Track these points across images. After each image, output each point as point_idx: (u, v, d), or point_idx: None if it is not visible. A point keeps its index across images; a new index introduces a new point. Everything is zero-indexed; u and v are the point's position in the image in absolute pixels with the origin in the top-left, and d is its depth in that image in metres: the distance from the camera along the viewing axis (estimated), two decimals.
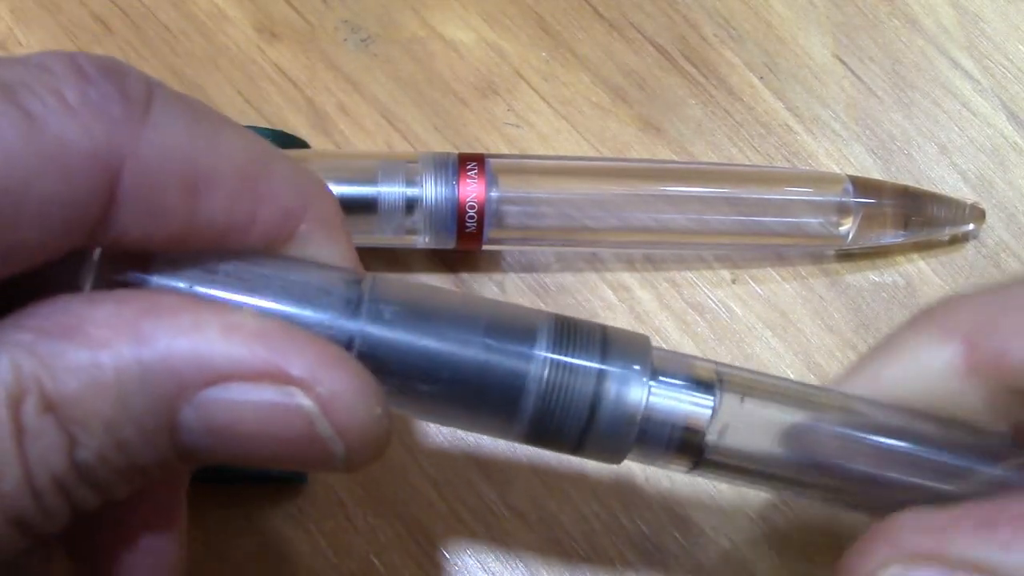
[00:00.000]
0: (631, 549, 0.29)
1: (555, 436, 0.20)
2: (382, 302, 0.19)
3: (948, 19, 0.36)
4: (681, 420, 0.20)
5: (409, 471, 0.29)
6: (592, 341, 0.20)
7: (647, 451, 0.21)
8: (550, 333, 0.20)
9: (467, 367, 0.19)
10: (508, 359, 0.19)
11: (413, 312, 0.19)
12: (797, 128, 0.35)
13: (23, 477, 0.16)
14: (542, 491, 0.29)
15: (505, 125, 0.34)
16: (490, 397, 0.19)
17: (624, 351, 0.20)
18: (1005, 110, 0.35)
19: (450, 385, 0.19)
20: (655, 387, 0.20)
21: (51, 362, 0.16)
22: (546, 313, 0.20)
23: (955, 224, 0.33)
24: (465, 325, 0.19)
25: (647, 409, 0.20)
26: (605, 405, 0.20)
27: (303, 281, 0.19)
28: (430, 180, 0.29)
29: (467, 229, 0.29)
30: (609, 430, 0.20)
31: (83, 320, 0.17)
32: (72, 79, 0.17)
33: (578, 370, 0.20)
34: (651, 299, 0.32)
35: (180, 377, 0.17)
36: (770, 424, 0.20)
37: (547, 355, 0.19)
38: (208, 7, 0.35)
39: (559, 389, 0.19)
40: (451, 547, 0.29)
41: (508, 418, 0.20)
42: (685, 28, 0.36)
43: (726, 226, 0.31)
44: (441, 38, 0.35)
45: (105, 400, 0.16)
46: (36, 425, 0.16)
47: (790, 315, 0.32)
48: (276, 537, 0.28)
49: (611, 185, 0.31)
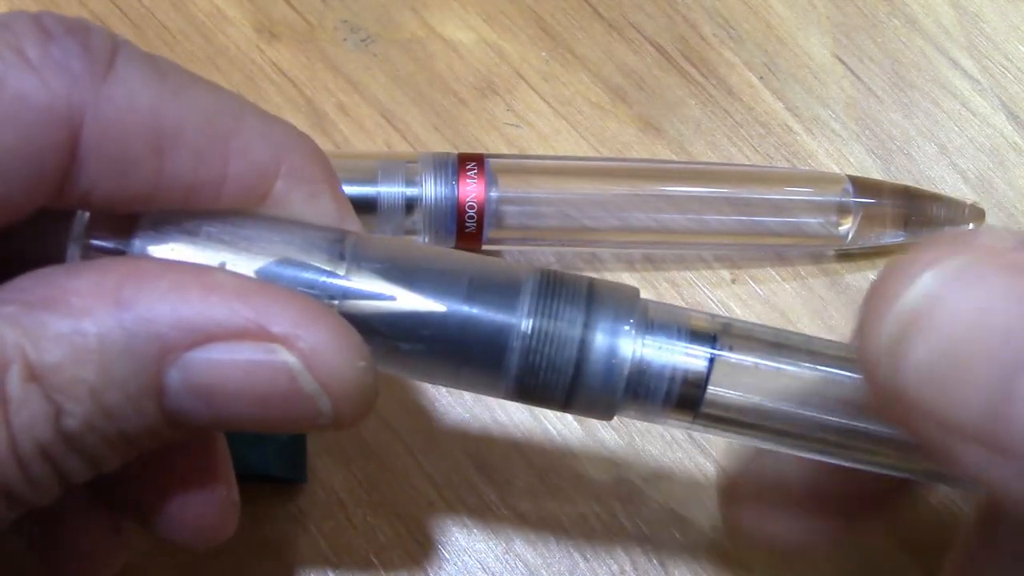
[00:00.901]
0: (631, 549, 0.29)
1: (542, 392, 0.20)
2: (364, 259, 0.19)
3: (948, 19, 0.36)
4: (678, 373, 0.20)
5: (409, 471, 0.29)
6: (578, 294, 0.20)
7: (644, 407, 0.20)
8: (535, 287, 0.19)
9: (450, 323, 0.19)
10: (492, 314, 0.19)
11: (396, 269, 0.19)
12: (797, 128, 0.35)
13: (8, 446, 0.16)
14: (542, 491, 0.29)
15: (505, 125, 0.34)
16: (475, 353, 0.19)
17: (611, 303, 0.20)
18: (1005, 110, 0.35)
19: (434, 342, 0.19)
20: (649, 340, 0.20)
21: (34, 332, 0.16)
22: (531, 267, 0.20)
23: (955, 224, 0.33)
24: (448, 281, 0.19)
25: (642, 363, 0.20)
26: (591, 359, 0.19)
27: (286, 240, 0.19)
28: (430, 180, 0.29)
29: (467, 229, 0.29)
30: (597, 385, 0.19)
31: (64, 291, 0.17)
32: (34, 36, 0.17)
33: (563, 323, 0.19)
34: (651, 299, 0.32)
35: (162, 340, 0.17)
36: (770, 375, 0.20)
37: (531, 309, 0.19)
38: (208, 7, 0.35)
39: (544, 343, 0.19)
40: (451, 547, 0.29)
41: (494, 374, 0.19)
42: (685, 28, 0.36)
43: (726, 226, 0.31)
44: (441, 38, 0.35)
45: (89, 367, 0.16)
46: (20, 394, 0.16)
47: (790, 315, 0.32)
48: (276, 537, 0.28)
49: (611, 185, 0.31)
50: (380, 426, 0.30)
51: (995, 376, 0.15)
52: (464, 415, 0.30)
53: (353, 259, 0.19)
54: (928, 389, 0.16)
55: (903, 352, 0.16)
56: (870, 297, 0.17)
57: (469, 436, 0.30)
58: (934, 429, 0.16)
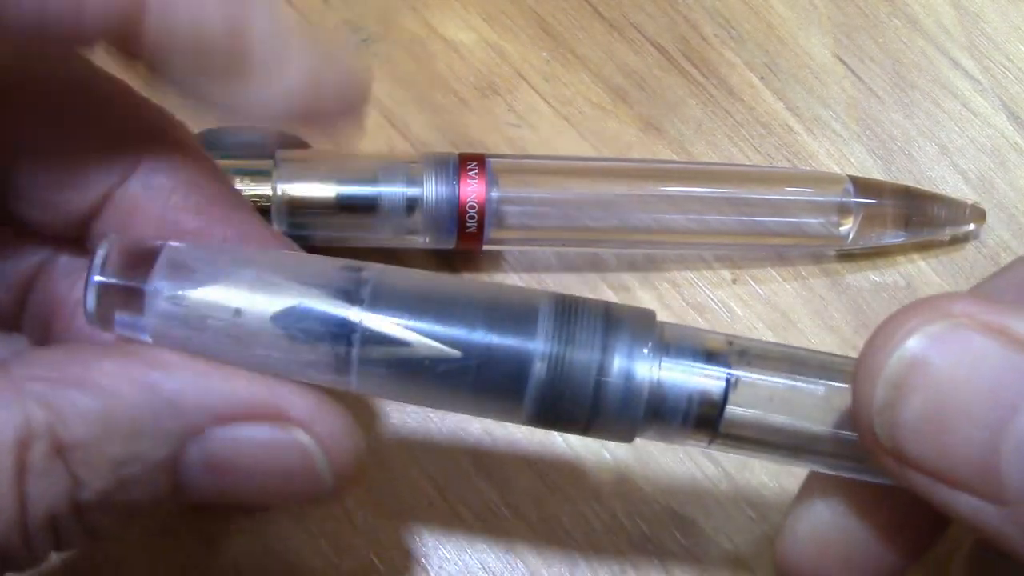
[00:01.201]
0: (631, 549, 0.29)
1: (563, 418, 0.20)
2: (381, 295, 0.19)
3: (948, 19, 0.36)
4: (695, 395, 0.20)
5: (409, 471, 0.29)
6: (595, 319, 0.20)
7: (663, 429, 0.20)
8: (551, 314, 0.20)
9: (469, 354, 0.19)
10: (510, 343, 0.19)
11: (412, 303, 0.19)
12: (797, 128, 0.35)
13: (17, 513, 0.17)
14: (542, 491, 0.29)
15: (506, 125, 0.34)
16: (494, 383, 0.19)
17: (628, 327, 0.20)
18: (1005, 110, 0.35)
19: (453, 374, 0.19)
20: (666, 363, 0.20)
21: (63, 411, 0.18)
22: (547, 293, 0.20)
23: (956, 224, 0.33)
24: (465, 312, 0.19)
25: (658, 386, 0.20)
26: (610, 384, 0.19)
27: (302, 282, 0.19)
28: (431, 180, 0.29)
29: (468, 229, 0.29)
30: (617, 409, 0.20)
31: (93, 371, 0.18)
32: None
33: (581, 350, 0.19)
34: (652, 299, 0.32)
35: (187, 418, 0.18)
36: (786, 393, 0.20)
37: (549, 336, 0.19)
38: None
39: (563, 370, 0.19)
40: (451, 547, 0.29)
41: (514, 403, 0.19)
42: (685, 28, 0.36)
43: (727, 226, 0.31)
44: (442, 38, 0.35)
45: (116, 442, 0.18)
46: (42, 466, 0.17)
47: (791, 315, 0.32)
48: (276, 537, 0.28)
49: (611, 185, 0.31)
50: (381, 426, 0.30)
51: (983, 431, 0.17)
52: (464, 415, 0.30)
53: (370, 296, 0.19)
54: (921, 446, 0.17)
55: (895, 414, 0.18)
56: (860, 365, 0.18)
57: (469, 436, 0.30)
58: (930, 482, 0.18)
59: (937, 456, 0.17)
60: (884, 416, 0.18)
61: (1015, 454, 0.17)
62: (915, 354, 0.17)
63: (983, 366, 0.17)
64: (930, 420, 0.17)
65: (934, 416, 0.17)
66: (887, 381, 0.18)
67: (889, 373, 0.18)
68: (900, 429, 0.18)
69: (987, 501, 0.17)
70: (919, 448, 0.18)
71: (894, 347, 0.18)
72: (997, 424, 0.17)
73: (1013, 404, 0.17)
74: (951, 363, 0.17)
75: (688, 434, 0.20)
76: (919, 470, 0.18)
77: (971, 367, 0.17)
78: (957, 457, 0.17)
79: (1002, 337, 0.17)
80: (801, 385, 0.20)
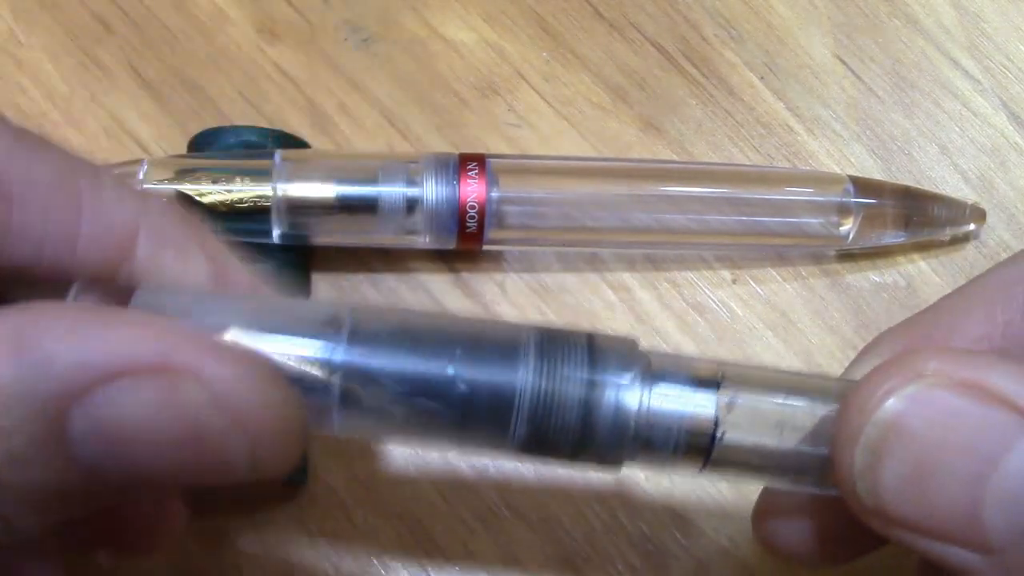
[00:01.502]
0: (631, 549, 0.29)
1: (549, 450, 0.20)
2: (363, 331, 0.19)
3: (949, 19, 0.36)
4: (686, 423, 0.20)
5: (410, 471, 0.29)
6: (578, 349, 0.20)
7: (653, 457, 0.20)
8: (535, 347, 0.19)
9: (454, 391, 0.19)
10: (494, 378, 0.19)
11: (395, 340, 0.19)
12: (798, 128, 0.35)
13: None
14: (542, 491, 0.29)
15: (506, 125, 0.34)
16: (480, 419, 0.19)
17: (612, 357, 0.20)
18: (1006, 110, 0.35)
19: (439, 411, 0.19)
20: (656, 390, 0.20)
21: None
22: (529, 326, 0.20)
23: (956, 224, 0.33)
24: (448, 348, 0.19)
25: (649, 415, 0.20)
26: (596, 414, 0.19)
27: (281, 315, 0.19)
28: (431, 180, 0.29)
29: (468, 229, 0.29)
30: (603, 439, 0.20)
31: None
32: None
33: (566, 382, 0.19)
34: (652, 299, 0.32)
35: (62, 380, 0.16)
36: (776, 418, 0.20)
37: (533, 369, 0.19)
38: (209, 7, 0.35)
39: (548, 403, 0.19)
40: (452, 547, 0.29)
41: (500, 437, 0.19)
42: (686, 28, 0.36)
43: (727, 226, 0.31)
44: (442, 38, 0.35)
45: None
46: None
47: (791, 315, 0.32)
48: (276, 537, 0.28)
49: (612, 185, 0.31)
50: None
51: (964, 487, 0.17)
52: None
53: (352, 331, 0.19)
54: (906, 505, 0.18)
55: (876, 477, 0.18)
56: (838, 430, 0.19)
57: None
58: (917, 538, 0.18)
59: (920, 514, 0.18)
60: (865, 480, 0.18)
61: (997, 505, 0.17)
62: (891, 418, 0.18)
63: (959, 424, 0.18)
64: (911, 481, 0.18)
65: (914, 477, 0.18)
66: (866, 446, 0.18)
67: (867, 439, 0.18)
68: (882, 491, 0.18)
69: (973, 551, 0.18)
70: (902, 508, 0.18)
71: (870, 412, 0.18)
72: (977, 479, 0.17)
73: (991, 458, 0.17)
74: (927, 424, 0.18)
75: (679, 461, 0.20)
76: (905, 528, 0.18)
77: (947, 426, 0.18)
78: (941, 513, 0.18)
79: (976, 392, 0.18)
80: (792, 410, 0.20)
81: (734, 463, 0.21)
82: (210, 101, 0.33)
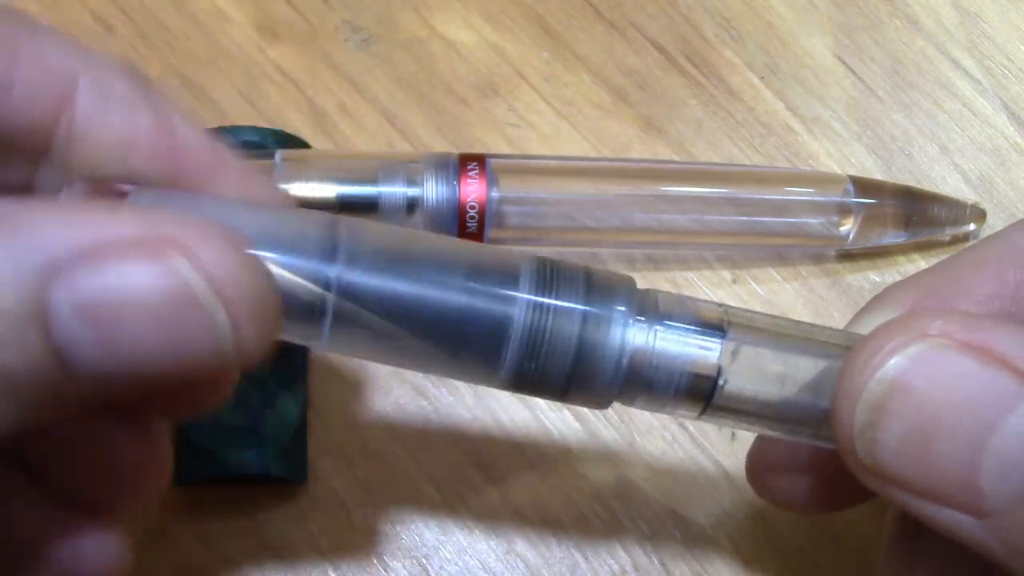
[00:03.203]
0: (631, 549, 0.29)
1: (539, 381, 0.20)
2: (359, 246, 0.19)
3: (949, 19, 0.36)
4: (688, 366, 0.20)
5: (409, 471, 0.29)
6: (576, 282, 0.20)
7: (654, 397, 0.20)
8: (532, 275, 0.19)
9: (447, 311, 0.19)
10: (489, 302, 0.19)
11: (391, 256, 0.19)
12: (798, 128, 0.35)
13: None
14: (542, 491, 0.29)
15: (506, 125, 0.34)
16: (472, 342, 0.19)
17: (609, 291, 0.20)
18: (1006, 110, 0.35)
19: (430, 330, 0.19)
20: (659, 330, 0.20)
21: None
22: (528, 255, 0.20)
23: (956, 224, 0.32)
24: (445, 268, 0.19)
25: (652, 354, 0.19)
26: (589, 347, 0.19)
27: (277, 224, 0.19)
28: (431, 180, 0.29)
29: (468, 229, 0.29)
30: (595, 374, 0.19)
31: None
32: None
33: (561, 313, 0.19)
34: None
35: (45, 256, 0.16)
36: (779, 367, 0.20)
37: (529, 297, 0.19)
38: (209, 7, 0.35)
39: (542, 332, 0.19)
40: (451, 547, 0.29)
41: (491, 364, 0.19)
42: (686, 28, 0.36)
43: (727, 226, 0.31)
44: (442, 38, 0.35)
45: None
46: None
47: (791, 315, 0.32)
48: (276, 537, 0.28)
49: (612, 185, 0.31)
50: (380, 426, 0.30)
51: (963, 449, 0.17)
52: (465, 415, 0.30)
53: (347, 248, 0.18)
54: (903, 465, 0.18)
55: (875, 436, 0.18)
56: (839, 386, 0.19)
57: (469, 436, 0.30)
58: (912, 498, 0.18)
59: (918, 475, 0.18)
60: (865, 438, 0.18)
61: (995, 469, 0.17)
62: (894, 376, 0.18)
63: (962, 385, 0.17)
64: (910, 441, 0.18)
65: (914, 437, 0.18)
66: (867, 403, 0.18)
67: (869, 396, 0.18)
68: (881, 450, 0.18)
69: (969, 514, 0.18)
70: (900, 468, 0.18)
71: (873, 369, 0.18)
72: (976, 441, 0.17)
73: (991, 421, 0.17)
74: (930, 384, 0.18)
75: (680, 403, 0.20)
76: (901, 488, 0.18)
77: (950, 387, 0.18)
78: (938, 475, 0.18)
79: (980, 355, 0.18)
80: (796, 360, 0.20)
81: (734, 411, 0.20)
82: (210, 101, 0.33)
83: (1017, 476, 0.17)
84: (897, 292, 0.23)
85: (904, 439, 0.18)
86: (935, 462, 0.18)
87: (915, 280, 0.23)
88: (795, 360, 0.20)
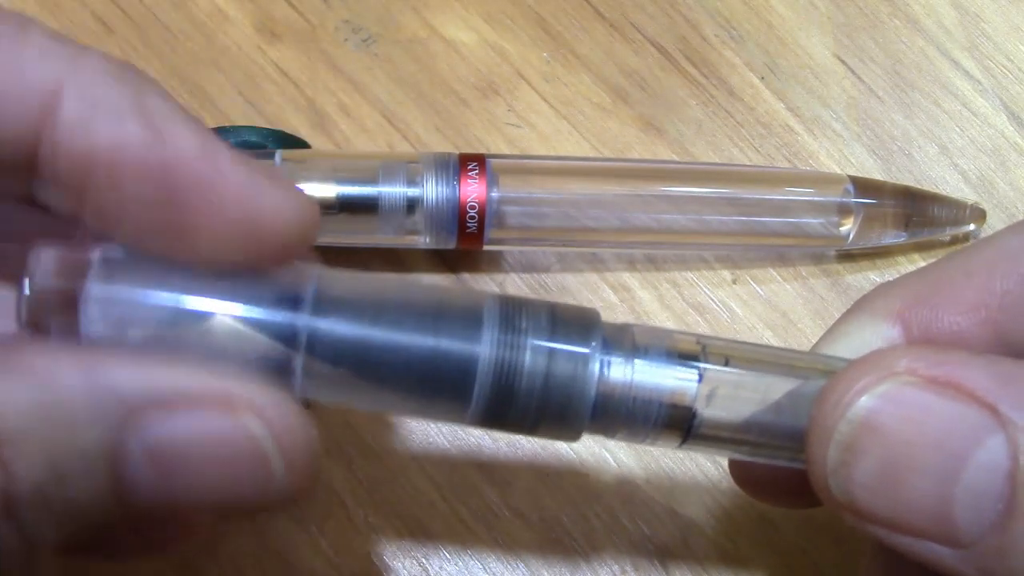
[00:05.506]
0: (631, 549, 0.29)
1: (508, 419, 0.20)
2: (326, 295, 0.19)
3: (949, 19, 0.36)
4: (666, 395, 0.20)
5: (410, 471, 0.29)
6: (540, 320, 0.20)
7: (634, 430, 0.20)
8: (497, 315, 0.20)
9: (415, 356, 0.19)
10: (455, 345, 0.19)
11: (358, 304, 0.19)
12: (798, 128, 0.35)
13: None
14: (542, 491, 0.29)
15: (506, 125, 0.34)
16: (440, 385, 0.19)
17: (574, 327, 0.20)
18: (1006, 110, 0.35)
19: (399, 376, 0.19)
20: (639, 363, 0.20)
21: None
22: (491, 295, 0.20)
23: (956, 224, 0.33)
24: (410, 314, 0.19)
25: (631, 387, 0.20)
26: (556, 383, 0.19)
27: (247, 277, 0.19)
28: (431, 180, 0.29)
29: (468, 229, 0.29)
30: (562, 408, 0.20)
31: (27, 355, 0.17)
32: None
33: (527, 351, 0.19)
34: (652, 299, 0.32)
35: (127, 404, 0.17)
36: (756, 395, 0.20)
37: (495, 336, 0.19)
38: (208, 7, 0.35)
39: (509, 371, 0.19)
40: (452, 547, 0.29)
41: (461, 404, 0.19)
42: (686, 28, 0.36)
43: (727, 226, 0.31)
44: (442, 38, 0.35)
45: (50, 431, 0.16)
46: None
47: (791, 315, 0.32)
48: (276, 537, 0.28)
49: (612, 185, 0.31)
50: (381, 426, 0.30)
51: (935, 483, 0.18)
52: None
53: (316, 295, 0.19)
54: (877, 502, 0.18)
55: (849, 474, 0.18)
56: (812, 427, 0.19)
57: (469, 436, 0.30)
58: (887, 532, 0.18)
59: (892, 510, 0.18)
60: (839, 476, 0.19)
61: (967, 501, 0.17)
62: (864, 416, 0.18)
63: (930, 421, 0.18)
64: (882, 478, 0.18)
65: (886, 474, 0.18)
66: (839, 444, 0.18)
67: (840, 437, 0.18)
68: (854, 488, 0.18)
69: (945, 546, 0.18)
70: (875, 505, 0.18)
71: (843, 409, 0.18)
72: (948, 476, 0.18)
73: (962, 455, 0.17)
74: (899, 422, 0.18)
75: (659, 434, 0.20)
76: (877, 524, 0.18)
77: (918, 424, 0.18)
78: (912, 509, 0.18)
79: (946, 389, 0.18)
80: (772, 387, 0.20)
81: (714, 439, 0.21)
82: (210, 101, 0.33)
83: (989, 507, 0.17)
84: (884, 297, 0.23)
85: (877, 477, 0.18)
86: (908, 497, 0.18)
87: (903, 283, 0.23)
88: (773, 387, 0.20)
